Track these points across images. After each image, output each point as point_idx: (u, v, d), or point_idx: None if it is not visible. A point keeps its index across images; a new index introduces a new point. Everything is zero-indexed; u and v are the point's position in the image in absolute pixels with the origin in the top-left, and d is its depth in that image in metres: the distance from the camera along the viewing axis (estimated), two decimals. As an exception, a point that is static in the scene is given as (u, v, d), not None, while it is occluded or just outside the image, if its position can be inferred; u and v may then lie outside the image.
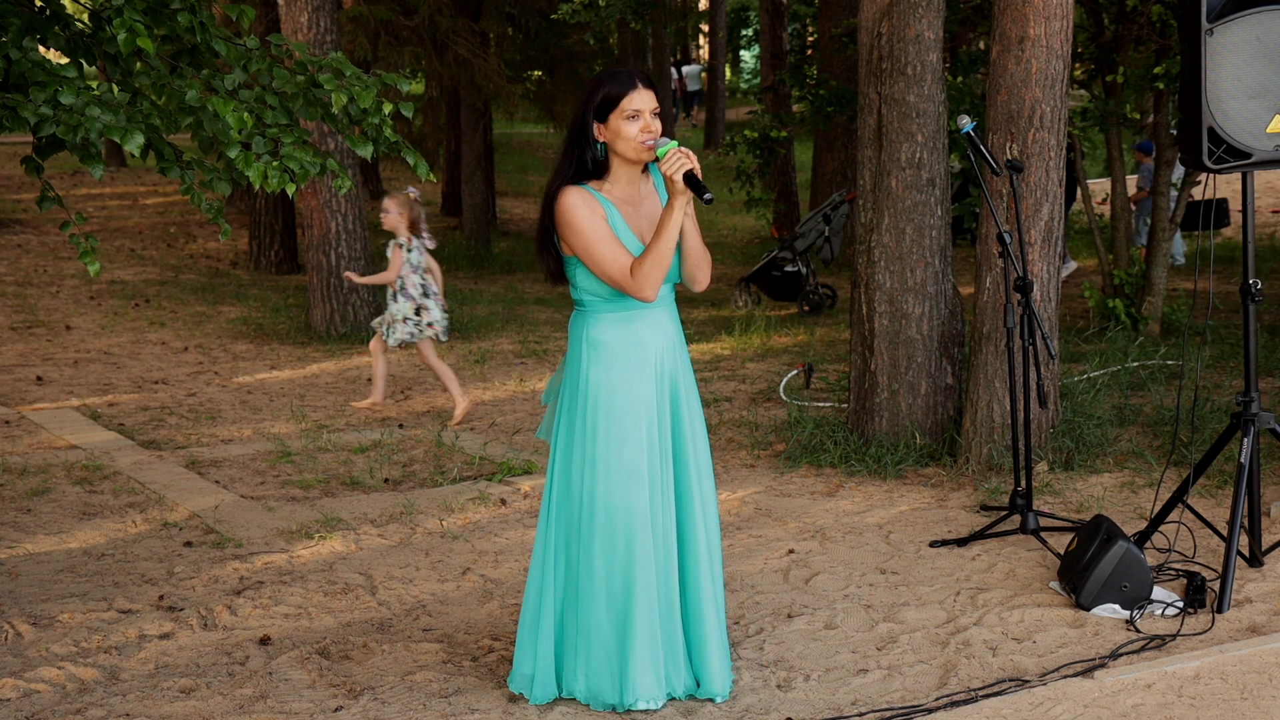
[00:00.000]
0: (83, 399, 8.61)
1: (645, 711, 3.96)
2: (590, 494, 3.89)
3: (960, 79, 10.88)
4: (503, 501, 6.26)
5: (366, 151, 4.71)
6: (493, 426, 7.88)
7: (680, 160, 3.73)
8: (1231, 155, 4.82)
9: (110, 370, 9.58)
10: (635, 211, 3.94)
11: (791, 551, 5.49)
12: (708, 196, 3.74)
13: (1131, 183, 13.47)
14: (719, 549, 4.09)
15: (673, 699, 4.05)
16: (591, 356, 3.91)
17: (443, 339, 8.19)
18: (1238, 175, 5.03)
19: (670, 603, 3.96)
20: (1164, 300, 10.02)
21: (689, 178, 3.74)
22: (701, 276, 3.98)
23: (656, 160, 3.82)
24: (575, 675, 4.01)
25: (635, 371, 3.90)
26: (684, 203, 3.78)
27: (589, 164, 3.89)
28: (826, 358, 9.54)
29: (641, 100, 3.83)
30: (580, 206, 3.83)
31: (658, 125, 3.85)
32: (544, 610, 4.01)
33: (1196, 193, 10.08)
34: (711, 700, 4.06)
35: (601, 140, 3.88)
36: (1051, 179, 6.32)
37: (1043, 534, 5.56)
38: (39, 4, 4.61)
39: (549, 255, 3.97)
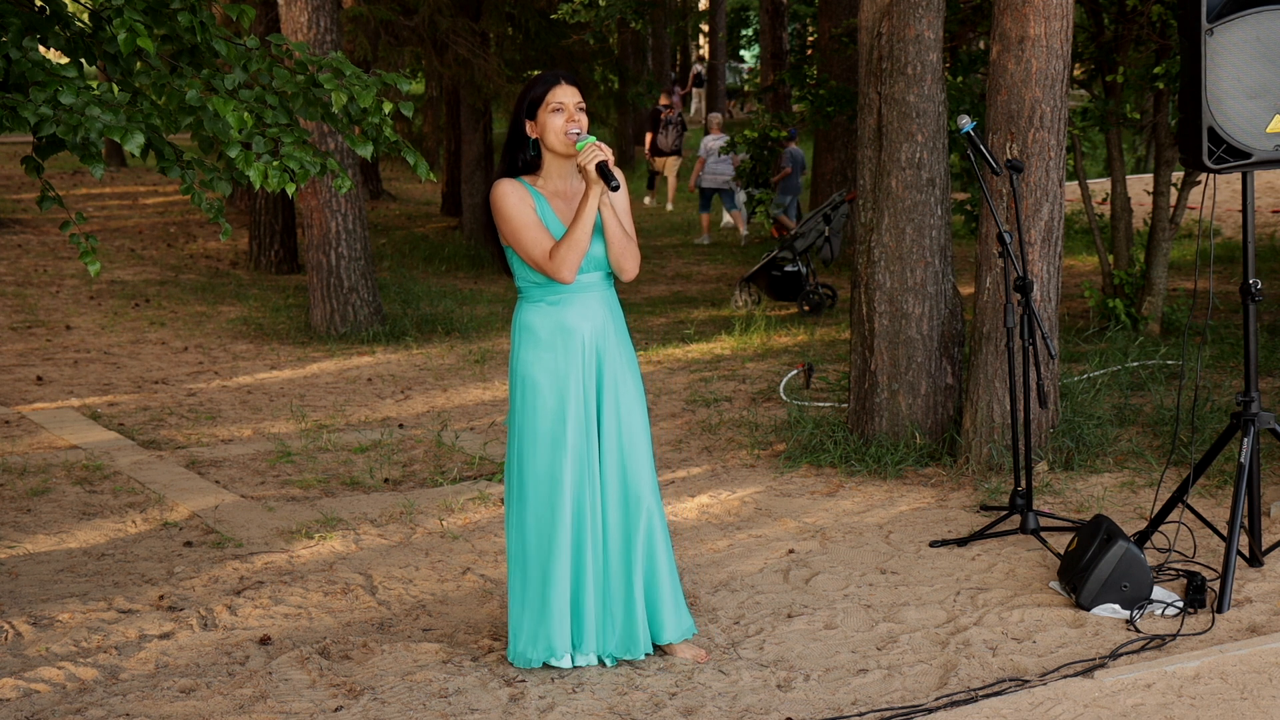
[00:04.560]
0: (83, 399, 8.61)
1: (558, 668, 4.29)
2: (521, 463, 4.25)
3: (960, 79, 10.87)
4: (503, 501, 6.26)
5: (366, 151, 4.71)
6: (493, 426, 7.88)
7: (594, 153, 4.09)
8: (1231, 155, 4.82)
9: (110, 370, 9.58)
10: (567, 205, 4.27)
11: (791, 551, 5.49)
12: (614, 184, 4.10)
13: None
14: (650, 521, 4.29)
15: (601, 661, 4.33)
16: (522, 339, 4.27)
17: None
18: (1238, 175, 5.03)
19: (587, 566, 4.25)
20: (1164, 300, 10.02)
21: (600, 168, 4.08)
22: (627, 266, 4.28)
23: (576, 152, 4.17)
24: (518, 633, 4.31)
25: (560, 352, 4.22)
26: (598, 191, 4.12)
27: (520, 163, 4.27)
28: (826, 358, 9.54)
29: (565, 95, 4.18)
30: (510, 195, 4.20)
31: (583, 119, 4.20)
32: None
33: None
34: (631, 659, 4.33)
35: (534, 136, 4.23)
36: (1051, 179, 6.32)
37: (1043, 534, 5.56)
38: (39, 4, 4.61)
39: (497, 249, 4.33)
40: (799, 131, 16.11)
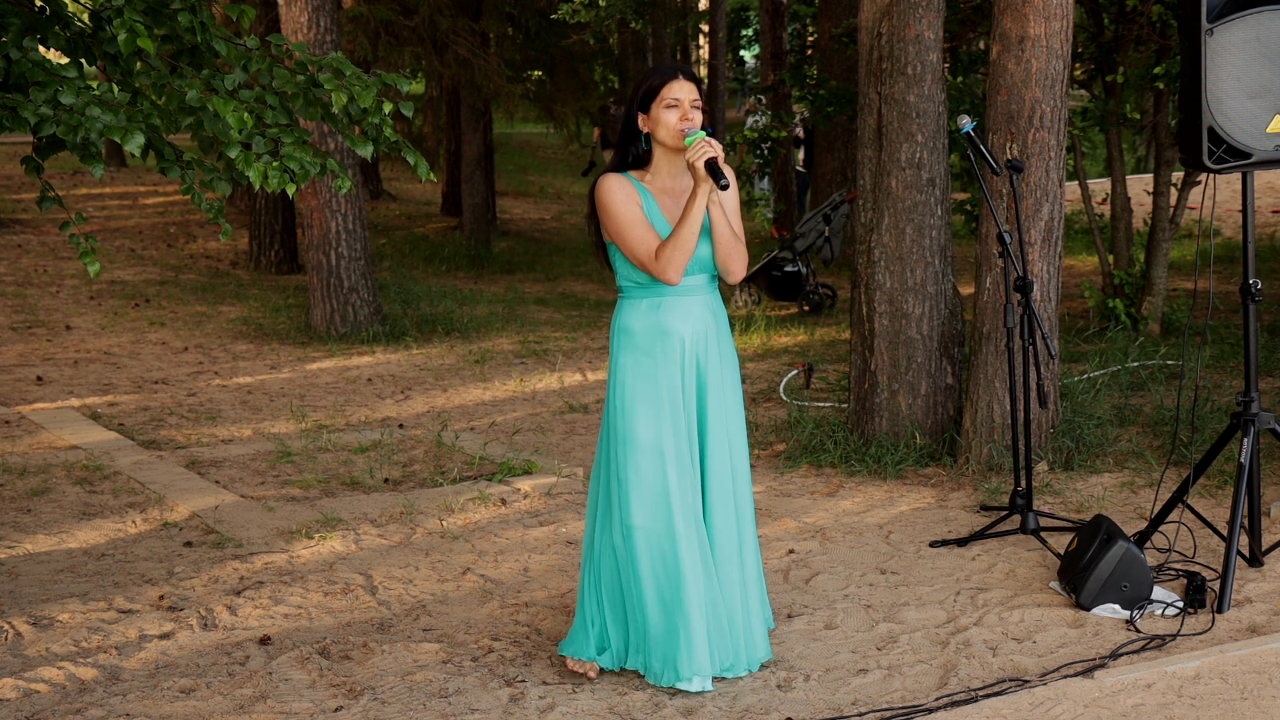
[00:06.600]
0: (83, 399, 8.61)
1: (685, 691, 4.11)
2: (621, 469, 4.09)
3: (960, 79, 10.88)
4: (503, 501, 6.26)
5: (366, 151, 4.71)
6: (493, 426, 7.88)
7: (704, 149, 3.91)
8: (1231, 155, 4.82)
9: (110, 370, 9.58)
10: (674, 202, 4.11)
11: (791, 551, 5.49)
12: (723, 183, 3.92)
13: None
14: (751, 528, 4.23)
15: (721, 675, 4.19)
16: (621, 342, 4.13)
17: None
18: (1238, 175, 5.03)
19: (700, 574, 4.08)
20: (1164, 300, 10.02)
21: (710, 165, 3.91)
22: (734, 268, 4.14)
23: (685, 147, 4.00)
24: (622, 643, 4.20)
25: (660, 357, 4.07)
26: (706, 190, 3.96)
27: (630, 157, 4.13)
28: (826, 358, 9.54)
29: (681, 90, 4.02)
30: (616, 191, 4.05)
31: (697, 117, 4.02)
32: (586, 574, 4.27)
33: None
34: (747, 671, 4.20)
35: (646, 130, 4.08)
36: (1051, 179, 6.32)
37: (1043, 534, 5.56)
38: (39, 4, 4.61)
39: (599, 244, 4.20)
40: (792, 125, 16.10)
